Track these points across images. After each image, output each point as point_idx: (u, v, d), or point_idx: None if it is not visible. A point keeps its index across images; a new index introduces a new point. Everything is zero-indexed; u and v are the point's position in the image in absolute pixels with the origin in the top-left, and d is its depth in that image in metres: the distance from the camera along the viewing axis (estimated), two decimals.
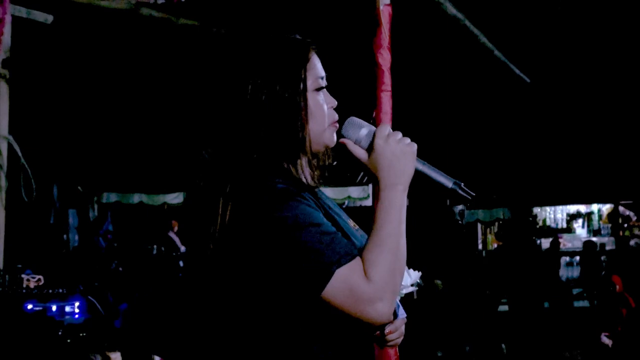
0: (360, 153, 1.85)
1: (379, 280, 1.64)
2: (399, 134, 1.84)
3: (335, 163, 1.93)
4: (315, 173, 1.90)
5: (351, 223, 1.96)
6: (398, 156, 1.81)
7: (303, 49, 1.87)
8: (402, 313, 1.99)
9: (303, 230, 1.66)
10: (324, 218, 1.74)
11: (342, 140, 1.86)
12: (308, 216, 1.69)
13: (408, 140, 1.85)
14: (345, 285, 1.63)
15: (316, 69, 1.87)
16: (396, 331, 1.93)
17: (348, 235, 1.81)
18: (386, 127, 1.85)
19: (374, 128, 1.86)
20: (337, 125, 1.88)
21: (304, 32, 1.90)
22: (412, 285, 2.06)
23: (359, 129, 1.86)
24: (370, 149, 1.83)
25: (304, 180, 1.83)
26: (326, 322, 1.71)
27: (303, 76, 1.82)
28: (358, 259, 1.66)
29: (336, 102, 1.90)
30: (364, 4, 3.83)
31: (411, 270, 2.12)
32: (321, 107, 1.85)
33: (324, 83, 1.87)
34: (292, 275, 1.66)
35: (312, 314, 1.70)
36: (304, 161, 1.84)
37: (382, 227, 1.73)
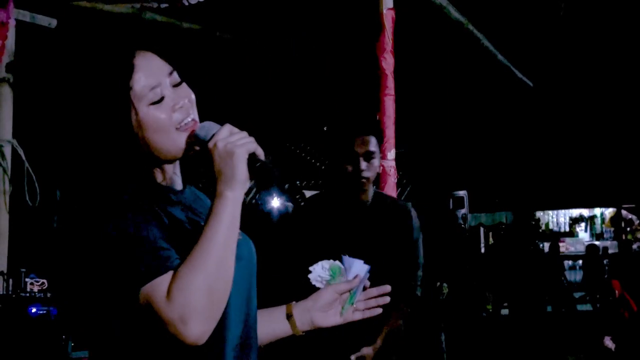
0: (203, 157, 1.73)
1: (181, 301, 1.53)
2: (237, 135, 1.68)
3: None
4: (171, 175, 1.81)
5: None
6: (225, 160, 1.65)
7: (121, 67, 1.74)
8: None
9: (121, 244, 1.59)
10: (153, 231, 1.62)
11: (193, 145, 1.76)
12: (131, 229, 1.60)
13: (241, 139, 1.68)
14: (148, 303, 1.56)
15: (144, 81, 1.73)
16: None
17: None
18: (226, 129, 1.70)
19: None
20: (192, 126, 1.76)
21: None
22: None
23: (206, 132, 1.73)
24: (207, 153, 1.70)
25: (161, 182, 1.77)
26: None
27: (128, 98, 1.71)
28: (169, 274, 1.57)
29: (186, 100, 1.78)
30: (367, 8, 3.85)
31: (357, 260, 2.08)
32: (158, 118, 1.72)
33: (161, 92, 1.74)
34: (110, 292, 1.61)
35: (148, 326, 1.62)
36: (158, 165, 1.77)
37: (201, 241, 1.60)
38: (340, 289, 2.04)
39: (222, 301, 1.60)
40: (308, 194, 15.06)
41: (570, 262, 17.54)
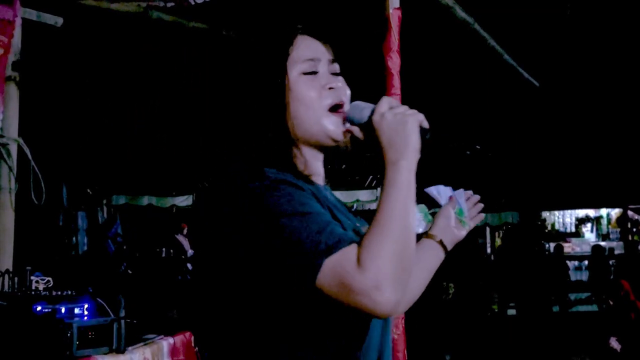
0: (363, 135, 1.74)
1: (374, 268, 1.47)
2: (401, 107, 1.68)
3: (344, 167, 1.90)
4: (314, 167, 1.79)
5: (355, 221, 1.85)
6: (397, 129, 1.64)
7: (285, 33, 1.79)
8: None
9: (291, 218, 1.54)
10: (318, 206, 1.61)
11: (346, 128, 1.77)
12: (297, 204, 1.57)
13: (407, 110, 1.68)
14: (336, 275, 1.49)
15: (302, 51, 1.77)
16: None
17: (346, 228, 1.65)
18: (386, 102, 1.70)
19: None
20: (343, 111, 1.77)
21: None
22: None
23: (362, 111, 1.73)
24: (371, 128, 1.69)
25: (302, 170, 1.74)
26: (324, 318, 1.61)
27: (284, 60, 1.74)
28: (353, 245, 1.52)
29: (339, 83, 1.79)
30: (373, 7, 3.84)
31: (438, 187, 2.25)
32: (307, 90, 1.74)
33: (316, 66, 1.77)
34: (282, 268, 1.55)
35: (310, 308, 1.59)
36: (300, 151, 1.76)
37: (382, 209, 1.58)
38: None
39: (410, 268, 1.56)
40: None
41: (576, 263, 17.53)
